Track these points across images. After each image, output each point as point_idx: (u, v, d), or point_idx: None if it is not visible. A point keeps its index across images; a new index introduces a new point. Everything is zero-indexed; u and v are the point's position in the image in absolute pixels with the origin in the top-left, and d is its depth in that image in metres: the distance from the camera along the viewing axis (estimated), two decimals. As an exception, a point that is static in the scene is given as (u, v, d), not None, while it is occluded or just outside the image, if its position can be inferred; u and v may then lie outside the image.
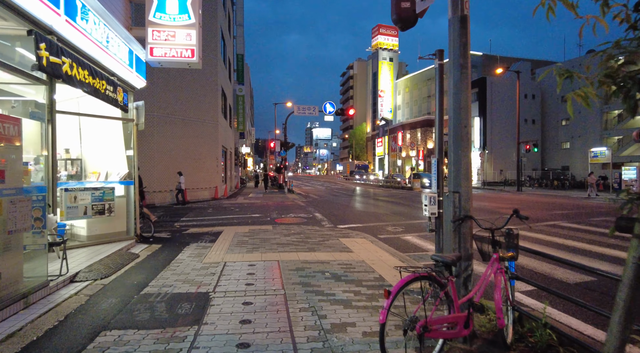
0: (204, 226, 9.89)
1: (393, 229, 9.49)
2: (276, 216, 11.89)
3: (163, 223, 10.73)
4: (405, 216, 11.99)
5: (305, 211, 13.56)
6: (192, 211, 13.56)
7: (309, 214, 12.38)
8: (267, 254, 6.34)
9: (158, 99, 16.95)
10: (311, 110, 25.15)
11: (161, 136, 17.13)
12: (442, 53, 4.29)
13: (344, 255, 6.29)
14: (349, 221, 10.81)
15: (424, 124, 61.62)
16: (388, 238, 8.35)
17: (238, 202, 17.86)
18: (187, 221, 11.09)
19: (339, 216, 12.10)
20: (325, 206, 15.30)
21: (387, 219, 11.23)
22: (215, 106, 20.12)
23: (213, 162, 20.05)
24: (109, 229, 6.63)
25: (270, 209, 14.32)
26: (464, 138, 3.08)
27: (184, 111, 18.23)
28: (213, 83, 19.97)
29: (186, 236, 8.21)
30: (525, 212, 10.93)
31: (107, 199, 6.45)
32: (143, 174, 16.89)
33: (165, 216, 12.34)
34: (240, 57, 37.90)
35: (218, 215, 12.44)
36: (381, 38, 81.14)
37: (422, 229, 9.44)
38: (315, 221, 10.92)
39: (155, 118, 16.87)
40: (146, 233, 8.00)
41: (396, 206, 15.50)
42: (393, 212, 13.24)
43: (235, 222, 10.74)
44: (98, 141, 7.45)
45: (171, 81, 17.54)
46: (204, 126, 19.42)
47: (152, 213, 8.86)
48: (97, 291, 4.29)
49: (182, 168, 18.10)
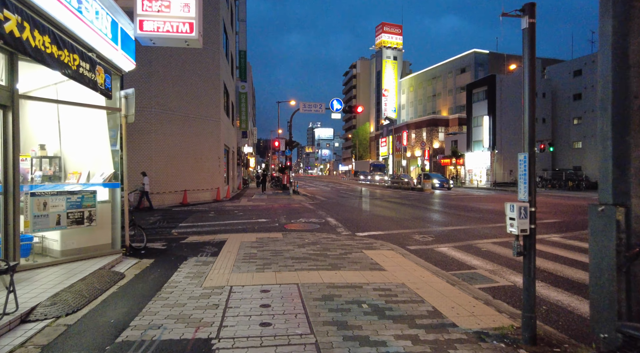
0: (205, 234, 8.71)
1: (421, 237, 8.29)
2: (285, 222, 10.71)
3: (159, 229, 9.56)
4: (430, 222, 10.79)
5: (316, 215, 12.37)
6: (192, 215, 12.39)
7: (321, 219, 11.20)
8: (283, 273, 5.15)
9: (156, 94, 15.80)
10: (317, 107, 23.97)
11: (159, 134, 15.98)
12: (534, 7, 3.09)
13: (377, 275, 5.11)
14: (368, 228, 9.62)
15: (430, 123, 60.41)
16: (420, 250, 7.16)
17: (241, 204, 16.68)
18: (186, 227, 9.92)
19: (354, 221, 10.91)
20: (336, 210, 14.11)
21: (411, 226, 10.04)
22: (217, 102, 18.97)
23: (215, 162, 18.89)
24: (90, 241, 5.45)
25: (277, 213, 13.14)
26: (634, 117, 1.87)
27: (184, 107, 17.07)
28: (215, 77, 18.81)
29: (184, 248, 7.03)
30: (564, 217, 9.44)
31: (87, 205, 5.28)
32: (139, 175, 15.77)
33: (162, 221, 11.17)
34: (243, 53, 36.79)
35: (221, 220, 11.26)
36: (385, 36, 79.94)
37: (456, 238, 8.24)
38: (330, 227, 9.73)
39: (153, 114, 15.72)
40: (137, 244, 6.84)
41: (414, 209, 14.30)
42: (413, 216, 12.04)
43: (240, 228, 9.56)
44: (81, 135, 6.28)
45: (170, 74, 16.39)
46: (205, 124, 18.26)
47: (148, 216, 7.71)
48: (55, 338, 3.11)
49: (182, 167, 16.95)
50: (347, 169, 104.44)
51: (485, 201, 18.07)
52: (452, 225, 10.08)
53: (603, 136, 1.98)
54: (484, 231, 9.10)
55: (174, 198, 16.51)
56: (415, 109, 74.77)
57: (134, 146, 15.46)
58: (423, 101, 72.75)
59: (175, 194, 16.60)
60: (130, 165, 15.72)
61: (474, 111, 45.44)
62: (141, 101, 15.53)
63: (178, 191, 16.73)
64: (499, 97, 41.73)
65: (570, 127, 42.62)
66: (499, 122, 41.71)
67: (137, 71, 15.89)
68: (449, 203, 16.88)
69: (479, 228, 9.67)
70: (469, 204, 16.54)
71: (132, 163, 15.49)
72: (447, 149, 52.08)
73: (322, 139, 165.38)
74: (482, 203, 17.26)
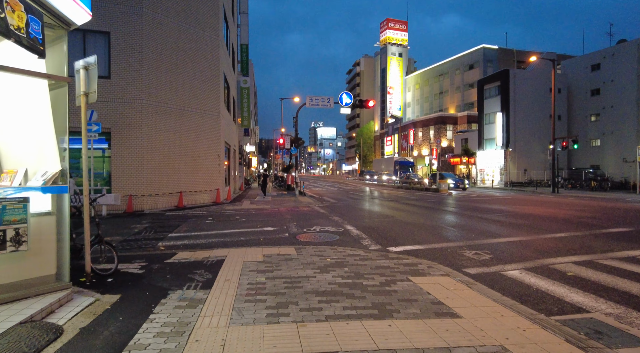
0: (199, 248, 6.94)
1: (474, 255, 6.48)
2: (296, 231, 8.91)
3: (143, 241, 7.78)
4: (472, 231, 8.97)
5: (331, 221, 10.58)
6: (186, 222, 10.62)
7: (338, 227, 9.39)
8: (308, 327, 3.36)
9: (148, 84, 14.04)
10: (325, 102, 22.16)
11: (152, 128, 14.22)
12: None
13: (453, 328, 3.31)
14: (400, 240, 7.82)
15: (438, 121, 58.51)
16: (484, 274, 5.35)
17: (244, 208, 14.91)
18: (177, 238, 8.14)
19: (379, 230, 9.10)
20: (352, 215, 12.31)
21: (451, 237, 8.23)
22: (216, 95, 17.20)
23: (214, 160, 17.12)
24: (19, 274, 3.67)
25: (285, 218, 11.36)
26: None
27: (179, 99, 15.31)
28: (214, 67, 17.04)
29: (168, 272, 5.25)
30: (628, 225, 6.64)
31: (13, 220, 3.50)
32: (129, 175, 14.01)
33: (150, 229, 9.39)
34: (245, 47, 35.06)
35: (219, 228, 9.48)
36: (390, 33, 78.07)
37: (520, 255, 6.41)
38: (352, 238, 7.94)
39: (144, 106, 13.97)
40: (106, 266, 5.07)
41: (442, 214, 12.50)
42: (447, 223, 10.23)
43: (243, 240, 7.78)
44: (19, 119, 4.51)
45: (164, 62, 14.62)
46: (204, 118, 16.50)
47: (135, 222, 5.94)
48: None
49: (177, 167, 15.19)
50: (350, 169, 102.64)
51: (516, 204, 16.23)
52: (503, 236, 8.26)
53: None
54: (549, 244, 7.28)
55: (168, 200, 14.76)
56: (422, 107, 72.88)
57: (121, 142, 13.71)
58: (429, 98, 70.84)
59: (170, 197, 14.84)
60: (118, 164, 14.03)
61: (485, 108, 43.53)
62: (130, 91, 13.80)
63: (173, 193, 14.97)
64: (512, 93, 39.81)
65: (587, 125, 40.66)
66: (512, 119, 39.81)
67: (126, 58, 14.18)
68: (476, 206, 15.05)
69: (538, 239, 7.85)
70: (501, 207, 14.70)
71: (120, 161, 13.75)
72: (457, 147, 50.19)
73: (325, 139, 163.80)
74: (513, 205, 15.43)
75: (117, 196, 12.05)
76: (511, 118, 39.82)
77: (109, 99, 13.49)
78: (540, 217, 11.47)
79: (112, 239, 7.97)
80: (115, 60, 13.59)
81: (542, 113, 41.17)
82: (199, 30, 16.12)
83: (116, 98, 13.58)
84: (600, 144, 39.58)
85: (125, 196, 13.58)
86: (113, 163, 13.59)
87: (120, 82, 13.64)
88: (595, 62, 39.51)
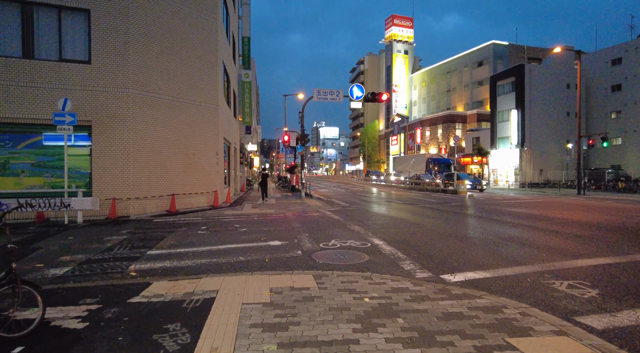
0: (182, 274, 5.08)
1: (573, 290, 4.55)
2: (311, 246, 7.02)
3: (111, 263, 5.90)
4: (540, 249, 7.04)
5: (350, 231, 8.69)
6: (174, 233, 8.74)
7: (363, 241, 7.49)
8: None
9: (135, 70, 12.19)
10: (334, 95, 20.26)
11: (139, 121, 12.37)
12: None
13: None
14: (454, 263, 5.90)
15: (446, 119, 56.50)
16: (617, 330, 3.44)
17: (245, 213, 13.03)
18: (157, 258, 6.26)
19: (418, 246, 7.19)
20: (373, 223, 10.42)
21: (519, 257, 6.30)
22: (214, 85, 15.34)
23: (212, 158, 15.26)
24: None
25: (294, 227, 9.47)
26: None
27: (172, 89, 13.46)
28: (212, 54, 15.18)
29: (123, 328, 3.35)
30: None
31: None
32: (113, 175, 12.13)
33: (126, 243, 7.51)
34: (247, 40, 33.18)
35: (213, 242, 7.61)
36: (395, 29, 76.14)
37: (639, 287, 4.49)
38: (387, 259, 6.04)
39: (131, 96, 12.12)
40: (27, 315, 3.20)
41: (484, 222, 10.59)
42: (501, 236, 8.32)
43: (242, 261, 5.91)
44: None
45: (154, 46, 12.78)
46: (200, 111, 14.64)
47: (112, 232, 4.09)
48: None
49: (169, 165, 13.34)
50: (354, 169, 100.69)
51: (553, 208, 14.28)
52: (583, 255, 6.34)
53: None
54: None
55: (158, 204, 12.91)
56: (428, 106, 70.91)
57: (104, 137, 11.87)
58: (436, 97, 68.85)
59: (160, 200, 12.99)
60: (100, 162, 12.20)
61: (498, 105, 41.51)
62: (114, 78, 11.95)
63: (164, 195, 13.12)
64: (528, 89, 37.79)
65: (607, 122, 38.58)
66: (528, 117, 37.79)
67: (109, 40, 12.28)
68: (511, 211, 13.12)
69: (636, 261, 5.93)
70: (540, 212, 12.77)
71: (102, 159, 11.91)
72: (468, 146, 48.16)
73: (327, 139, 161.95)
74: (552, 210, 13.49)
75: (94, 200, 10.21)
76: (526, 116, 37.81)
77: (90, 88, 11.65)
78: (598, 226, 9.53)
79: (72, 258, 6.12)
80: (97, 42, 11.73)
81: (558, 111, 39.17)
82: (194, 12, 14.26)
83: (98, 86, 11.73)
84: (621, 142, 37.51)
85: (108, 199, 11.74)
86: (94, 161, 11.74)
87: (102, 68, 11.79)
88: (616, 56, 37.43)
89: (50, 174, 11.67)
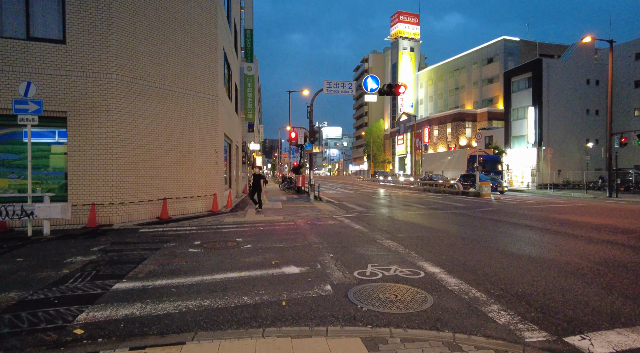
0: (155, 332, 3.13)
1: None
2: (342, 276, 5.07)
3: (52, 310, 3.96)
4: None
5: (384, 249, 6.75)
6: (159, 251, 6.81)
7: (413, 269, 5.55)
8: None
9: (119, 53, 10.28)
10: (345, 87, 18.33)
11: (124, 113, 10.47)
12: None
13: None
14: (572, 312, 3.95)
15: (456, 118, 54.46)
16: None
17: (248, 220, 11.11)
18: (124, 297, 4.32)
19: (490, 275, 5.23)
20: (410, 236, 8.46)
21: (632, 296, 4.38)
22: (213, 74, 13.42)
23: (210, 157, 13.35)
24: None
25: (310, 242, 7.53)
26: None
27: (164, 76, 11.56)
28: (211, 38, 13.27)
29: None
30: None
31: None
32: (93, 176, 10.15)
33: (90, 270, 5.58)
34: (249, 32, 31.30)
35: (207, 268, 5.67)
36: (401, 26, 74.10)
37: None
38: (461, 302, 4.10)
39: (114, 83, 10.21)
40: None
41: (551, 236, 8.64)
42: (594, 259, 6.33)
43: (247, 304, 3.97)
44: None
45: (142, 26, 10.88)
46: (197, 102, 12.74)
47: (82, 249, 2.15)
48: None
49: (160, 165, 11.44)
50: (358, 169, 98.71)
51: (601, 215, 12.31)
52: None
53: None
54: None
55: (147, 210, 11.00)
56: (435, 104, 68.87)
57: (82, 130, 9.97)
58: (444, 95, 66.81)
59: (150, 206, 11.09)
60: (78, 161, 10.17)
61: (513, 102, 39.48)
62: (94, 62, 10.05)
63: (154, 200, 11.22)
64: (546, 85, 35.75)
65: (629, 120, 36.53)
66: (546, 114, 35.74)
67: (88, 16, 10.00)
68: (566, 220, 11.16)
69: None
70: (605, 221, 10.80)
71: (79, 157, 10.00)
72: (480, 146, 46.00)
73: (330, 139, 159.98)
74: (613, 218, 11.52)
75: (65, 206, 8.29)
76: (544, 113, 35.78)
77: (64, 72, 9.75)
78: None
79: (4, 296, 4.21)
80: (73, 18, 9.83)
81: (577, 108, 37.13)
82: (190, -13, 12.36)
83: (74, 71, 9.83)
84: (645, 141, 35.37)
85: (86, 205, 9.85)
86: (70, 159, 9.84)
87: (79, 49, 9.89)
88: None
89: (17, 176, 9.77)
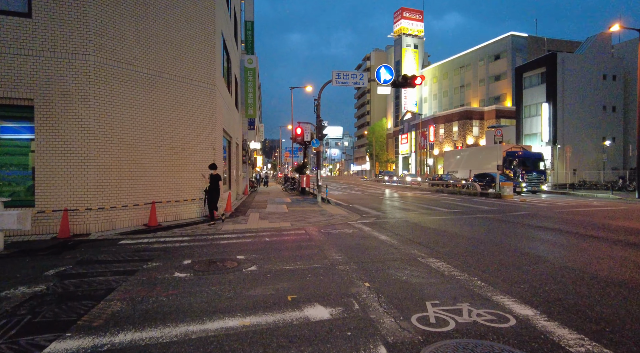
0: None
1: None
2: (396, 325, 3.43)
3: None
4: None
5: (437, 274, 5.12)
6: (134, 276, 5.17)
7: (493, 310, 3.91)
8: None
9: (98, 31, 8.63)
10: (356, 78, 16.72)
11: (104, 102, 8.82)
12: None
13: None
14: None
15: (462, 116, 52.77)
16: None
17: (251, 228, 9.45)
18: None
19: (607, 320, 3.60)
20: (450, 249, 6.82)
21: None
22: (210, 60, 11.78)
23: (207, 154, 11.70)
24: None
25: (333, 262, 5.89)
26: None
27: (152, 59, 9.92)
28: (208, 19, 11.63)
29: None
30: None
31: None
32: (66, 177, 8.49)
33: (31, 308, 3.94)
34: (250, 24, 29.77)
35: (195, 308, 4.03)
36: (405, 23, 72.55)
37: None
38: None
39: (92, 67, 8.56)
40: None
41: (623, 250, 7.04)
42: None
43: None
44: None
45: (128, 1, 9.23)
46: (192, 91, 11.10)
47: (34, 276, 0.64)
48: None
49: (148, 164, 9.79)
50: (360, 169, 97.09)
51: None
52: None
53: None
54: None
55: (133, 216, 9.36)
56: (440, 102, 67.24)
57: (53, 123, 8.32)
58: (449, 93, 65.18)
59: (136, 211, 9.44)
60: (47, 159, 8.34)
61: (525, 99, 37.82)
62: (68, 40, 8.40)
63: (141, 204, 9.57)
64: (560, 81, 34.09)
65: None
66: (560, 111, 34.08)
67: None
68: (619, 226, 9.50)
69: None
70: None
71: (49, 154, 8.34)
72: (489, 144, 44.46)
73: (331, 138, 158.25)
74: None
75: (22, 214, 6.63)
76: (559, 110, 34.13)
77: (30, 52, 8.11)
78: None
79: None
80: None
81: (593, 104, 35.48)
82: (183, -41, 10.72)
83: (43, 50, 8.20)
84: (664, 139, 33.74)
85: (57, 211, 8.21)
86: (38, 156, 8.20)
87: (48, 24, 8.26)
88: (659, 43, 33.70)
89: (-29, 176, 8.14)
